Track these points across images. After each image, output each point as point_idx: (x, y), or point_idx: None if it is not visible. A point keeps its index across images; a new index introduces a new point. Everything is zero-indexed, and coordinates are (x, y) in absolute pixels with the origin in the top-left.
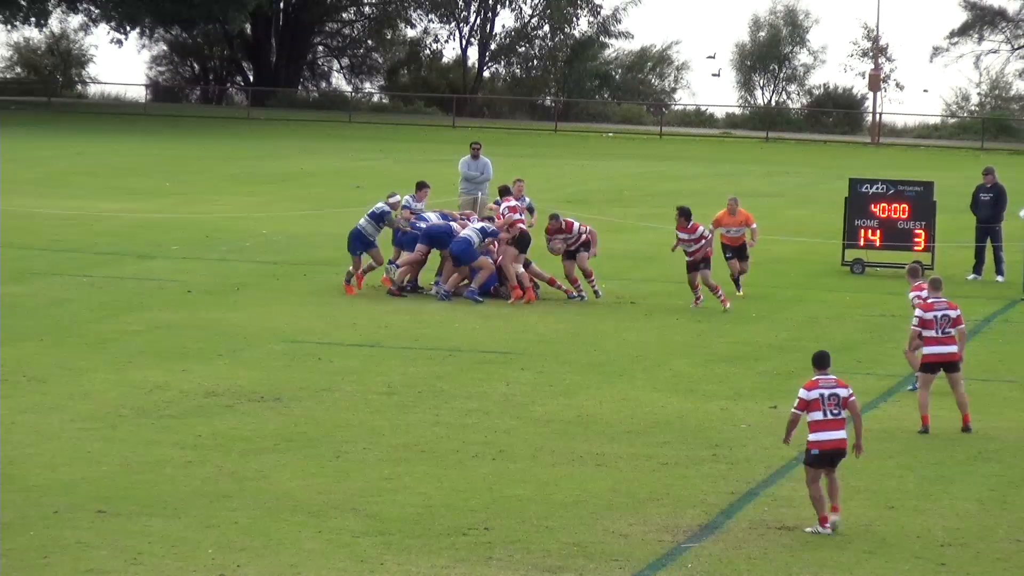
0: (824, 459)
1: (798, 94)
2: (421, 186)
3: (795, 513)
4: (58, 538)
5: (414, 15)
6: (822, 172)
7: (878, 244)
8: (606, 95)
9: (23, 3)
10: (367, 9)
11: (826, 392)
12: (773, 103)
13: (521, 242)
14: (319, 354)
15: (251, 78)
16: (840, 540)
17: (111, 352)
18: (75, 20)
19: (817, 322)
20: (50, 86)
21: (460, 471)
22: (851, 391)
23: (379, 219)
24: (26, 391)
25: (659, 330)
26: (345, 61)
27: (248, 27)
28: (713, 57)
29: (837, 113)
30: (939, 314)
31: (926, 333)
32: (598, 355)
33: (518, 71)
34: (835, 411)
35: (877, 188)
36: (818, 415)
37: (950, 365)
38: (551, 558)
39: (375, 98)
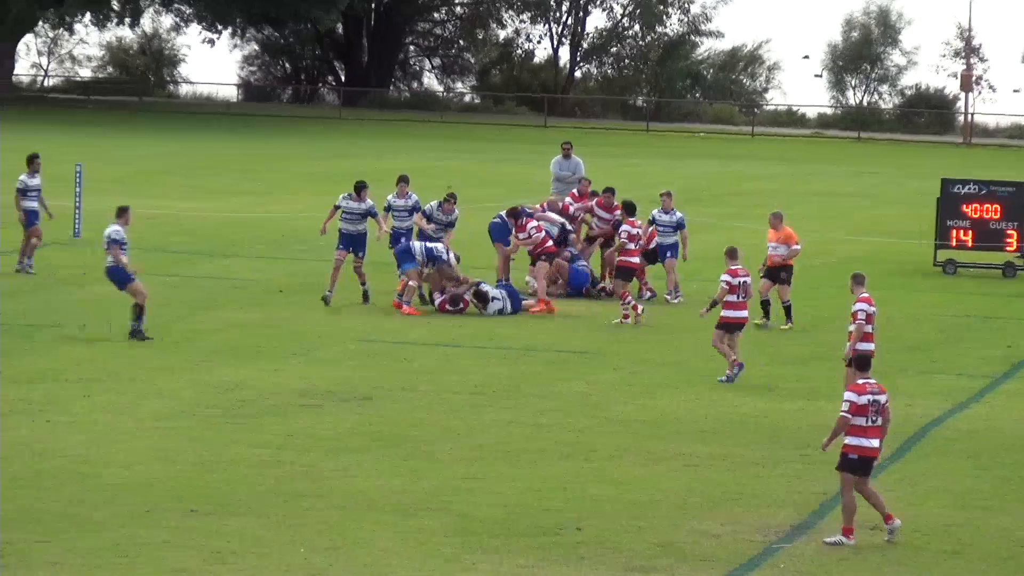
0: (860, 465)
1: (890, 95)
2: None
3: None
4: (139, 536)
5: (506, 15)
6: (913, 173)
7: (970, 245)
8: (697, 95)
9: (115, 3)
10: (459, 9)
11: (871, 398)
12: (865, 104)
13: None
14: (396, 353)
15: (343, 78)
16: (924, 540)
17: (190, 351)
18: (167, 20)
19: (893, 322)
20: (142, 86)
21: (539, 470)
22: (888, 396)
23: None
24: (106, 390)
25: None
26: (437, 61)
27: (340, 27)
28: (808, 58)
29: (929, 114)
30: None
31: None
32: (676, 354)
33: (610, 71)
34: (875, 418)
35: (969, 189)
36: (861, 420)
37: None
38: (641, 558)
39: (466, 98)
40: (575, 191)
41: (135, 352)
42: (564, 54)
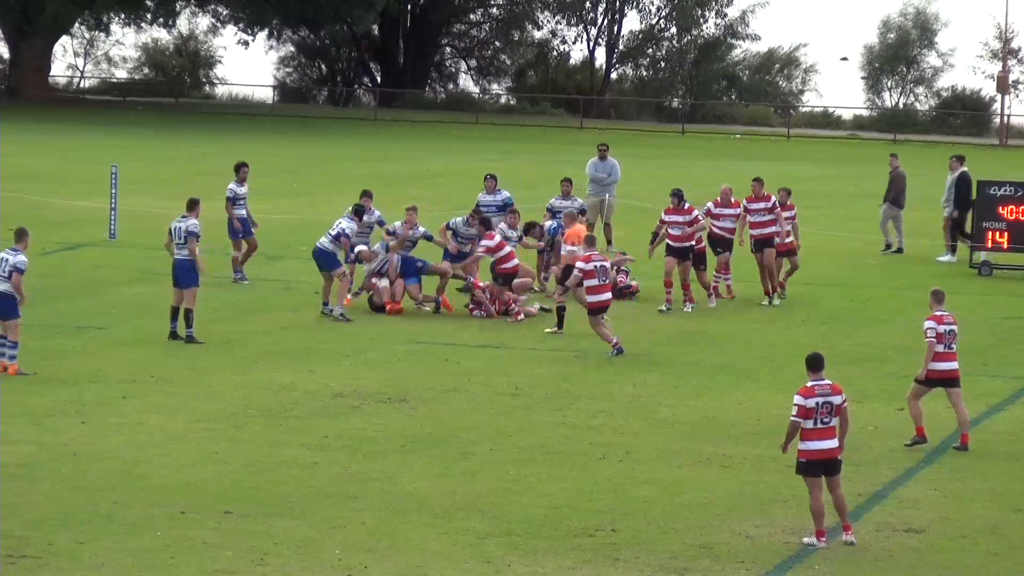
0: (813, 468)
1: (926, 96)
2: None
3: (922, 515)
4: (185, 538)
5: (541, 17)
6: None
7: (1006, 246)
8: (733, 96)
9: (150, 4)
10: (494, 10)
11: (821, 400)
12: (900, 105)
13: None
14: (444, 355)
15: (378, 79)
16: (965, 542)
17: (237, 353)
18: (203, 21)
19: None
20: (178, 87)
21: (586, 472)
22: (844, 397)
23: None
24: (152, 391)
25: (783, 331)
26: (472, 62)
27: (376, 28)
28: (846, 59)
29: (964, 115)
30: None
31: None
32: (724, 356)
33: (645, 73)
34: (826, 419)
35: (1005, 190)
36: (808, 423)
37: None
38: (677, 559)
39: (502, 99)
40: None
41: (183, 353)
42: (600, 56)
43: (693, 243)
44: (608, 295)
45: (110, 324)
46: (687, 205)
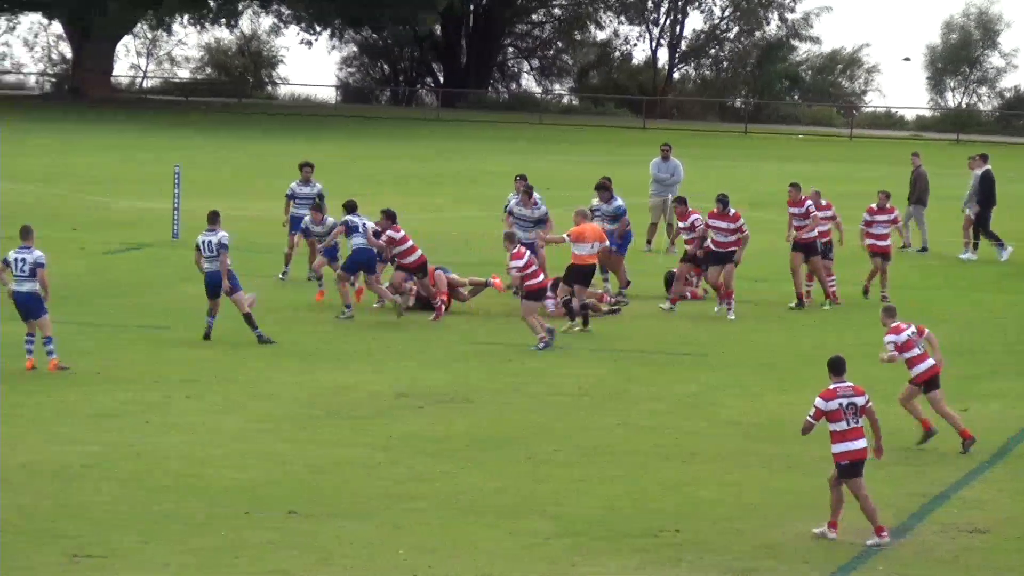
0: (855, 468)
1: (989, 97)
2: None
3: (986, 516)
4: (248, 538)
5: (604, 17)
6: (1015, 175)
7: None
8: (796, 97)
9: (213, 4)
10: (557, 11)
11: (845, 401)
12: (963, 106)
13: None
14: (507, 355)
15: (441, 80)
16: None
17: (300, 352)
18: (266, 21)
19: (1003, 326)
20: (240, 87)
21: (649, 473)
22: (867, 397)
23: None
24: (216, 392)
25: (844, 331)
26: (535, 62)
27: (438, 29)
28: (909, 60)
29: None
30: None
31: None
32: (785, 357)
33: (708, 73)
34: (855, 420)
35: None
36: (841, 425)
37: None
38: (741, 560)
39: (565, 99)
40: None
41: (243, 354)
42: (662, 56)
43: (735, 249)
44: (543, 278)
45: (174, 324)
46: (732, 211)
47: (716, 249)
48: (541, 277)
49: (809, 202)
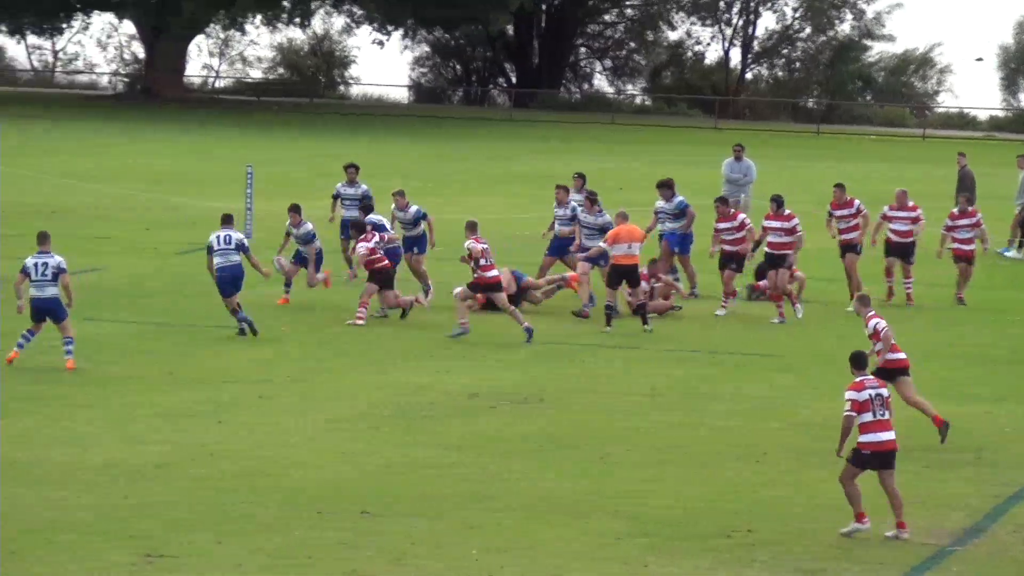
0: (875, 461)
1: None
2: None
3: None
4: (322, 538)
5: (676, 17)
6: None
7: None
8: (868, 97)
9: (286, 4)
10: (629, 11)
11: (873, 393)
12: None
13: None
14: (580, 356)
15: (513, 80)
16: None
17: (373, 353)
18: (338, 21)
19: None
20: (312, 87)
21: (722, 473)
22: (888, 391)
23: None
24: (289, 392)
25: (918, 332)
26: (607, 63)
27: (510, 29)
28: (981, 60)
29: None
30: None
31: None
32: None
33: (780, 73)
34: (881, 412)
35: None
36: (868, 416)
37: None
38: (814, 560)
39: (637, 100)
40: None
41: (315, 354)
42: (735, 56)
43: (792, 251)
44: (495, 272)
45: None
46: (787, 211)
47: (770, 251)
48: (494, 272)
49: (858, 201)
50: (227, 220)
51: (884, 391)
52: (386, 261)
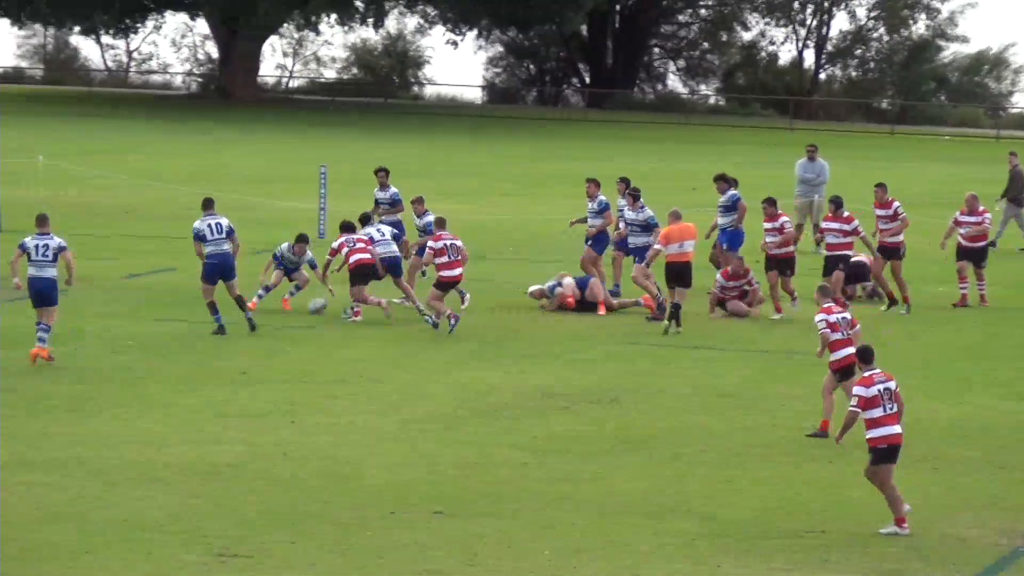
0: (890, 454)
1: None
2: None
3: None
4: (395, 538)
5: (750, 17)
6: None
7: None
8: (942, 98)
9: (359, 4)
10: (703, 11)
11: (881, 387)
12: None
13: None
14: (654, 355)
15: (587, 80)
16: None
17: (447, 353)
18: (411, 22)
19: None
20: (386, 87)
21: (796, 473)
22: (897, 383)
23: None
24: (363, 392)
25: (990, 332)
26: (681, 63)
27: (584, 29)
28: None
29: None
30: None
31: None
32: (932, 358)
33: (854, 73)
34: (890, 406)
35: None
36: (878, 412)
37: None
38: (888, 561)
39: (711, 100)
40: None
41: (392, 353)
42: (809, 56)
43: (850, 252)
44: (459, 271)
45: (319, 324)
46: (846, 213)
47: (828, 252)
48: (458, 270)
49: (897, 204)
50: (209, 204)
51: (892, 384)
52: (359, 256)
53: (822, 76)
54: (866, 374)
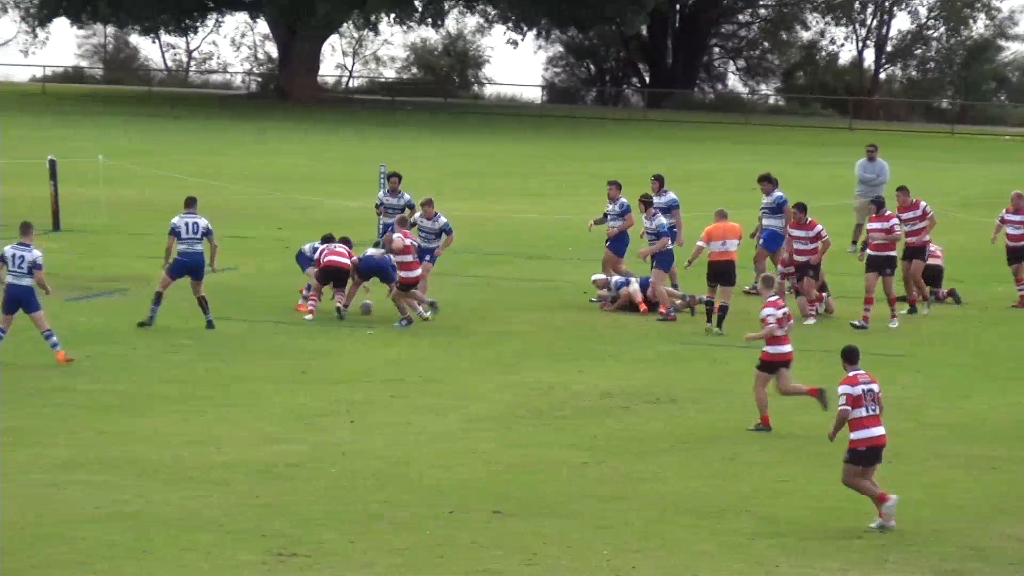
0: (872, 456)
1: None
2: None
3: None
4: (453, 537)
5: (810, 17)
6: None
7: None
8: (1002, 97)
9: (419, 4)
10: (763, 11)
11: (865, 388)
12: None
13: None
14: (711, 355)
15: (647, 79)
16: None
17: (505, 352)
18: (471, 21)
19: None
20: (446, 87)
21: None
22: (879, 385)
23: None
24: (420, 392)
25: None
26: (741, 63)
27: (644, 29)
28: None
29: None
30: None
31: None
32: (989, 358)
33: (914, 73)
34: (872, 407)
35: None
36: (861, 412)
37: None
38: (946, 561)
39: (771, 100)
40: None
41: (446, 354)
42: (868, 56)
43: (893, 253)
44: (416, 272)
45: (377, 324)
46: (887, 212)
47: (872, 253)
48: (418, 271)
49: (923, 203)
50: (190, 203)
51: (875, 386)
52: (331, 258)
53: (882, 76)
54: (851, 374)
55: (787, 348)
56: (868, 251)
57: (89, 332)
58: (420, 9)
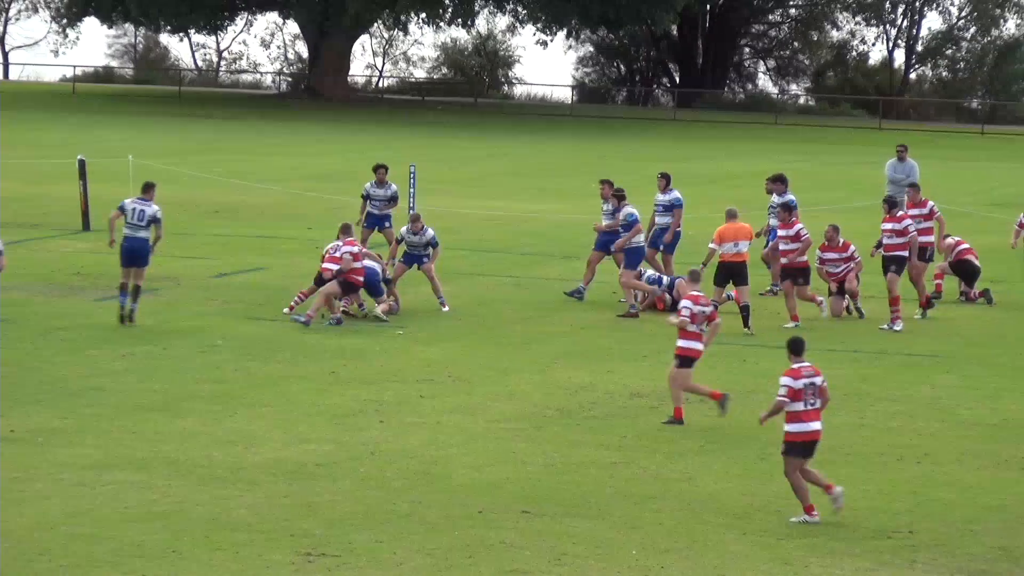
0: (803, 449)
1: None
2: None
3: None
4: (483, 538)
5: (840, 17)
6: None
7: None
8: None
9: (449, 4)
10: (793, 11)
11: (807, 381)
12: None
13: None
14: (742, 356)
15: (677, 79)
16: None
17: (536, 352)
18: (502, 21)
19: None
20: (476, 87)
21: (884, 473)
22: (823, 377)
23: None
24: (452, 391)
25: None
26: (771, 63)
27: (674, 29)
28: None
29: None
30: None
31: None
32: (1022, 358)
33: (944, 73)
34: (812, 401)
35: None
36: (799, 406)
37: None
38: (976, 562)
39: (801, 100)
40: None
41: (480, 353)
42: (899, 56)
43: (904, 253)
44: (361, 279)
45: (407, 323)
46: (899, 213)
47: (885, 253)
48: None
49: (931, 203)
50: (147, 189)
51: (818, 379)
52: (325, 266)
53: (912, 76)
54: (795, 366)
55: (698, 345)
56: (881, 251)
57: (121, 332)
58: (449, 9)
